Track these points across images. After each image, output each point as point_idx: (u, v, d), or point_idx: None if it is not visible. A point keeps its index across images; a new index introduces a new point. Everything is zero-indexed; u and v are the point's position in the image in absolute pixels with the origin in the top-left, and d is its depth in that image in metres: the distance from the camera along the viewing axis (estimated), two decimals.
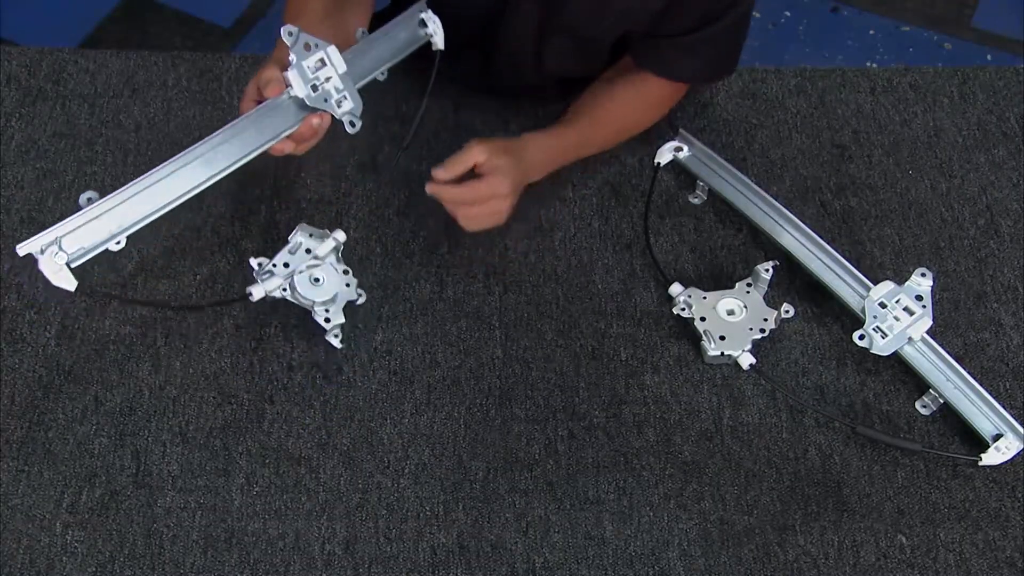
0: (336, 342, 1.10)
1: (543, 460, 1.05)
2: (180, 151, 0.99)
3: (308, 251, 1.09)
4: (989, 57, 2.42)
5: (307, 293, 1.07)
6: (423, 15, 1.13)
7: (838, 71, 1.39)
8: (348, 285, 1.10)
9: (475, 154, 1.10)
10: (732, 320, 1.12)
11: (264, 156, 1.03)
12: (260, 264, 1.08)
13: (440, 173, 1.09)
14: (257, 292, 1.06)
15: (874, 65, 2.42)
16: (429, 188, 1.09)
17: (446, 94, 1.31)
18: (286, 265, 1.08)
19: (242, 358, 1.10)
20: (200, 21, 2.49)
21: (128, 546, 0.98)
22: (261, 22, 2.47)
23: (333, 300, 1.08)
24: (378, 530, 1.00)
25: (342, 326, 1.09)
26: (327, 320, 1.08)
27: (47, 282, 0.93)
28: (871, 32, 2.48)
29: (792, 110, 1.35)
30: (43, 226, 1.14)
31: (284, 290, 1.07)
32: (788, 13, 2.52)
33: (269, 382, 1.09)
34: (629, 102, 1.24)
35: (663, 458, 1.06)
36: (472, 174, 1.11)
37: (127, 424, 1.05)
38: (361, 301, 1.12)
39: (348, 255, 1.17)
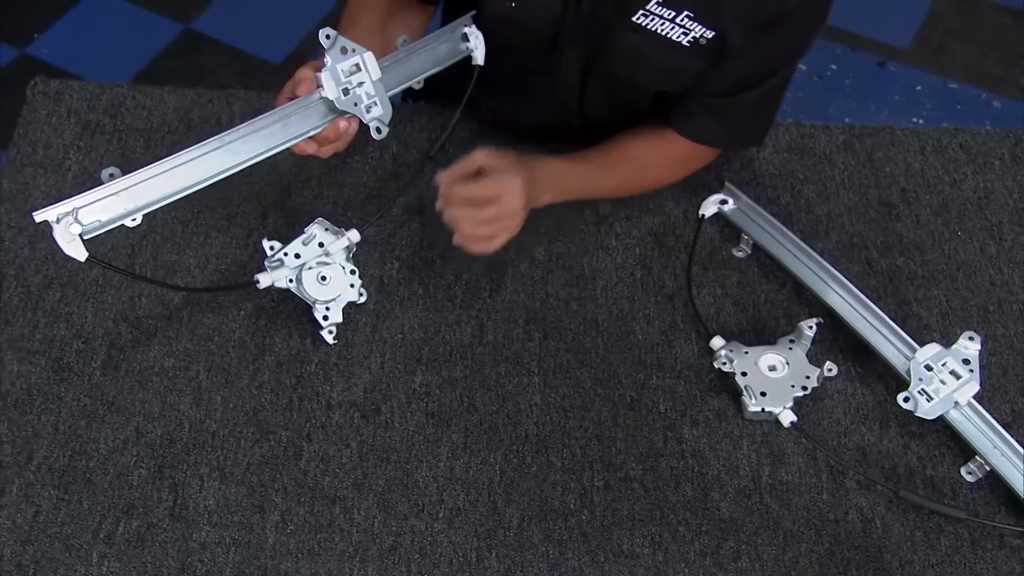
0: (330, 339, 1.12)
1: (578, 510, 1.04)
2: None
3: (321, 245, 1.10)
4: None
5: (311, 290, 1.09)
6: (466, 29, 1.14)
7: (887, 129, 1.38)
8: (352, 286, 1.12)
9: (480, 156, 1.09)
10: (774, 376, 1.10)
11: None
12: (272, 248, 1.10)
13: (444, 175, 1.08)
14: (264, 280, 1.07)
15: (920, 121, 2.40)
16: (437, 181, 1.08)
17: (470, 133, 1.31)
18: (297, 256, 1.09)
19: (282, 395, 1.11)
20: (252, 57, 2.55)
21: None
22: (311, 60, 2.52)
23: (335, 299, 1.11)
24: (410, 574, 0.99)
25: (338, 325, 1.12)
26: (325, 318, 1.11)
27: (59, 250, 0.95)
28: (918, 88, 2.47)
29: (840, 166, 1.34)
30: (94, 255, 1.17)
31: (290, 281, 1.08)
32: (834, 67, 2.52)
33: (308, 420, 1.09)
34: (650, 152, 1.22)
35: (700, 514, 1.04)
36: None
37: (166, 456, 1.06)
38: (362, 301, 1.14)
39: (389, 295, 1.18)
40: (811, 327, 1.11)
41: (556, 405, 1.12)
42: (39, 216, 0.93)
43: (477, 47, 1.14)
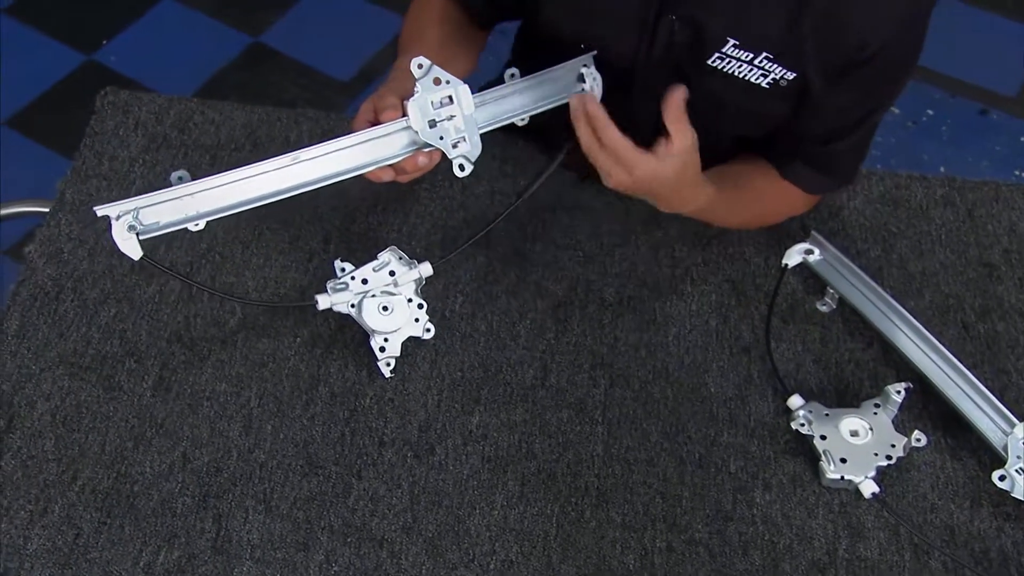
0: (387, 371, 1.13)
1: (638, 572, 1.03)
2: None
3: (391, 274, 1.11)
4: None
5: (371, 319, 1.10)
6: (584, 70, 1.12)
7: (991, 184, 1.35)
8: (417, 320, 1.12)
9: (674, 106, 1.04)
10: (856, 442, 1.08)
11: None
12: (343, 269, 1.11)
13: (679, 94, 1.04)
14: (323, 302, 1.08)
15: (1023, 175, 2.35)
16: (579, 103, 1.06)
17: (568, 174, 1.33)
18: (364, 282, 1.10)
19: (334, 428, 1.12)
20: (319, 73, 2.60)
21: None
22: (378, 79, 2.56)
23: (395, 332, 1.11)
24: None
25: (396, 359, 1.13)
26: (382, 349, 1.11)
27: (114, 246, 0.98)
28: (1022, 139, 2.42)
29: (937, 221, 1.32)
30: (152, 273, 1.21)
31: (351, 307, 1.09)
32: (931, 112, 2.48)
33: (359, 456, 1.10)
34: (770, 190, 1.22)
35: None
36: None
37: (212, 485, 1.07)
38: (428, 337, 1.14)
39: (450, 330, 1.19)
40: (899, 392, 1.09)
41: (619, 457, 1.11)
42: (100, 211, 0.96)
43: (594, 89, 1.12)
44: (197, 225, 1.00)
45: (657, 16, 1.08)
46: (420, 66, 1.02)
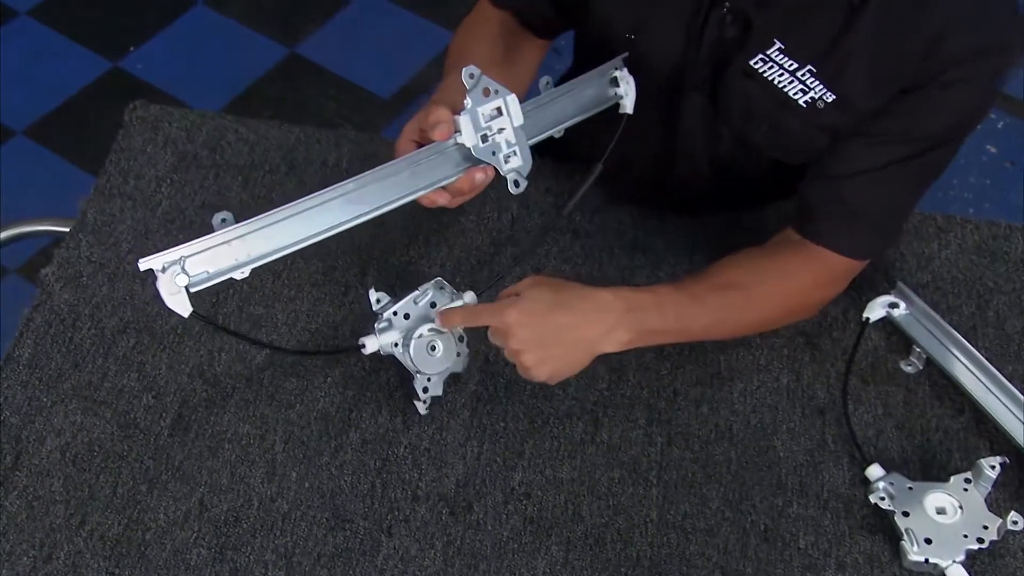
0: (423, 409, 1.14)
1: None
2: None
3: (433, 305, 1.11)
4: None
5: (420, 361, 1.10)
6: (617, 73, 1.15)
7: None
8: (459, 355, 1.13)
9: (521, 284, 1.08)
10: (943, 521, 1.06)
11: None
12: (379, 300, 1.11)
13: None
14: (371, 344, 1.09)
15: None
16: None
17: (624, 209, 1.33)
18: (406, 316, 1.10)
19: (364, 478, 1.12)
20: (360, 89, 2.64)
21: None
22: (422, 97, 2.59)
23: (440, 372, 1.12)
24: None
25: (435, 398, 1.13)
26: (424, 390, 1.12)
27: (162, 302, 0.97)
28: None
29: None
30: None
31: (395, 345, 1.10)
32: None
33: (390, 510, 1.10)
34: (765, 276, 1.15)
35: None
36: None
37: (230, 536, 1.07)
38: (460, 369, 1.15)
39: (494, 376, 1.19)
40: (993, 467, 1.07)
41: (676, 525, 1.10)
42: (144, 264, 0.95)
43: (627, 94, 1.15)
44: (243, 273, 0.99)
45: (709, 8, 1.10)
46: (471, 76, 1.03)
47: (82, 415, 1.15)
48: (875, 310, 1.21)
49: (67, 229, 1.31)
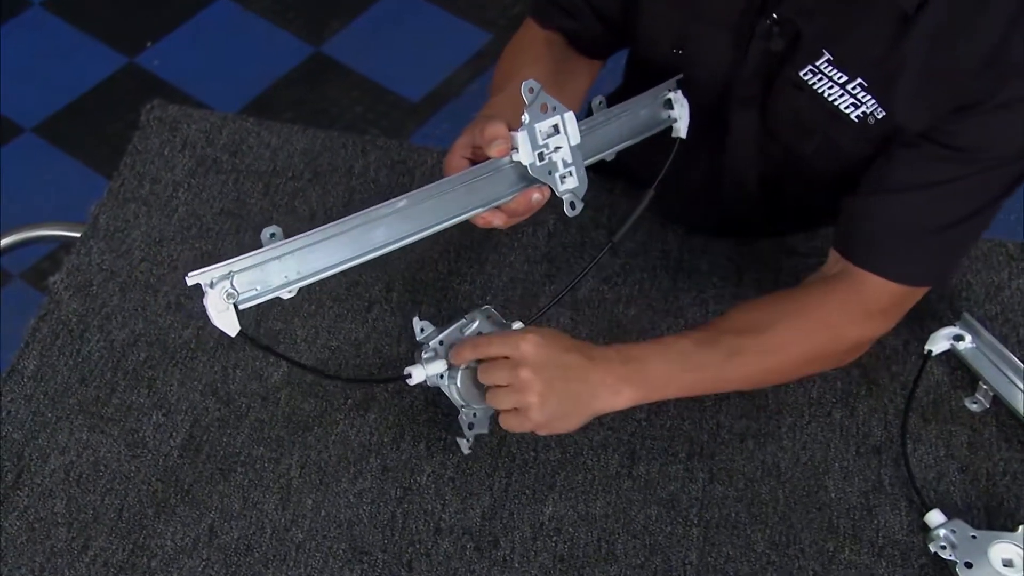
0: (466, 448, 1.14)
1: None
2: None
3: (480, 335, 1.12)
4: None
5: (467, 393, 1.10)
6: (671, 95, 1.16)
7: None
8: None
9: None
10: (1009, 573, 1.05)
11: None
12: (423, 329, 1.12)
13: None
14: (417, 375, 1.09)
15: None
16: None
17: (667, 227, 1.34)
18: (452, 347, 1.11)
19: (384, 508, 1.12)
20: (387, 92, 2.66)
21: None
22: (453, 102, 2.61)
23: (487, 407, 1.12)
24: None
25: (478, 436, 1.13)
26: (471, 426, 1.12)
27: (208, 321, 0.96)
28: None
29: None
30: (190, 314, 1.24)
31: (441, 377, 1.10)
32: None
33: (411, 543, 1.10)
34: (791, 308, 1.15)
35: None
36: None
37: (240, 566, 1.08)
38: None
39: None
40: None
41: (717, 568, 1.09)
42: (192, 279, 0.94)
43: (681, 117, 1.16)
44: (290, 292, 0.99)
45: (755, 19, 1.10)
46: (531, 90, 1.04)
47: (88, 432, 1.16)
48: (938, 342, 1.21)
49: (77, 234, 1.33)
